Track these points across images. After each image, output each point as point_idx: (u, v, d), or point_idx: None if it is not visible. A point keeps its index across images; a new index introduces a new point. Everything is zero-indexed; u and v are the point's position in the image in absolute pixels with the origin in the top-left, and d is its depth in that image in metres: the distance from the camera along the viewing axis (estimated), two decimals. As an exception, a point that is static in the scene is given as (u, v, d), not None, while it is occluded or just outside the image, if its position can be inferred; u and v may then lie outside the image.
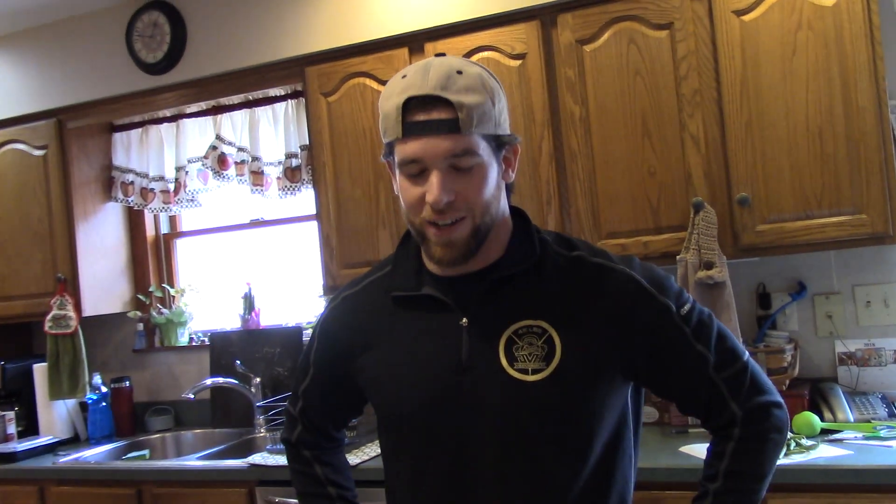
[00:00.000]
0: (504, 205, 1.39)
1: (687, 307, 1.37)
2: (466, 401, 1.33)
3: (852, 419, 2.53)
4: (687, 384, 1.37)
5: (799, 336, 2.83)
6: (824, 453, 2.29)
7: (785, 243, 2.52)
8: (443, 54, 1.35)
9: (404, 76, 1.30)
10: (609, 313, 1.34)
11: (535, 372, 1.31)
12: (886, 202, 2.41)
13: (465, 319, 1.35)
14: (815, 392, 2.71)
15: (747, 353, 1.41)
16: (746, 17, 2.54)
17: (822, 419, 2.54)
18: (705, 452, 2.24)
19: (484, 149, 1.29)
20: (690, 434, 2.65)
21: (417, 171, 1.29)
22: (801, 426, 2.47)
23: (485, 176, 1.30)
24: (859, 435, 2.41)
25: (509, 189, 1.42)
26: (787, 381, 2.64)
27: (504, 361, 1.32)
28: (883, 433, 2.38)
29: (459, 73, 1.28)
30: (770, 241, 2.53)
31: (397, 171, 1.33)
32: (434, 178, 1.27)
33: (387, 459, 1.48)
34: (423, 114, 1.27)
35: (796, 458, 2.27)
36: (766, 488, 1.40)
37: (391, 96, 1.30)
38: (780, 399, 1.41)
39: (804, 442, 2.36)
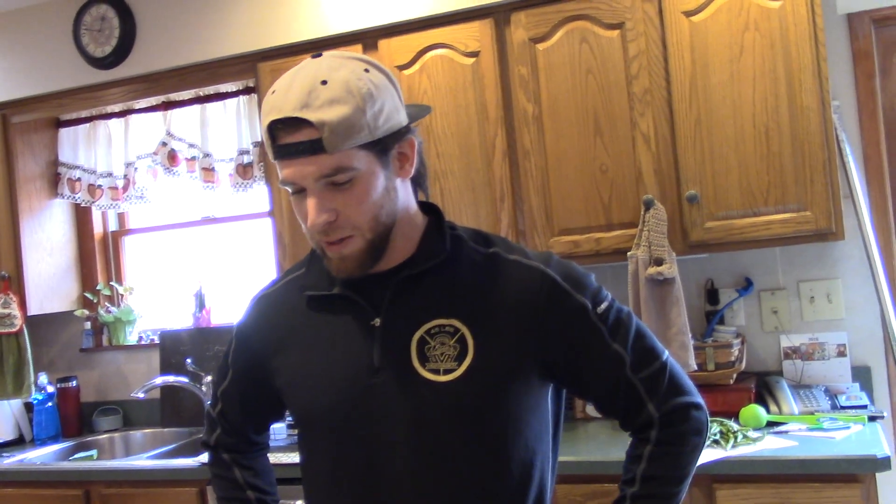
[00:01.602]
0: (405, 203, 1.34)
1: (604, 305, 1.33)
2: (378, 403, 1.30)
3: (797, 411, 2.59)
4: (603, 384, 1.34)
5: (746, 331, 2.89)
6: (770, 445, 2.34)
7: (733, 240, 2.57)
8: (319, 54, 1.26)
9: (273, 91, 1.24)
10: (523, 311, 1.30)
11: (446, 372, 1.28)
12: (829, 199, 2.47)
13: (377, 320, 1.32)
14: (761, 385, 2.77)
15: (667, 353, 1.38)
16: (695, 18, 2.59)
17: (768, 411, 2.59)
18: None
19: (361, 159, 1.23)
20: (641, 428, 2.69)
21: (297, 190, 1.26)
22: (747, 418, 2.52)
23: (366, 187, 1.25)
24: (804, 426, 2.47)
25: (420, 182, 1.39)
26: (735, 375, 2.70)
27: (416, 362, 1.29)
28: (826, 425, 2.44)
29: (324, 83, 1.20)
30: (718, 238, 2.58)
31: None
32: (309, 202, 1.24)
33: (304, 461, 1.44)
34: (287, 136, 1.22)
35: (743, 450, 2.31)
36: (686, 490, 1.37)
37: (263, 116, 1.25)
38: (699, 400, 1.38)
39: (750, 434, 2.41)
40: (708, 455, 2.29)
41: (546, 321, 1.30)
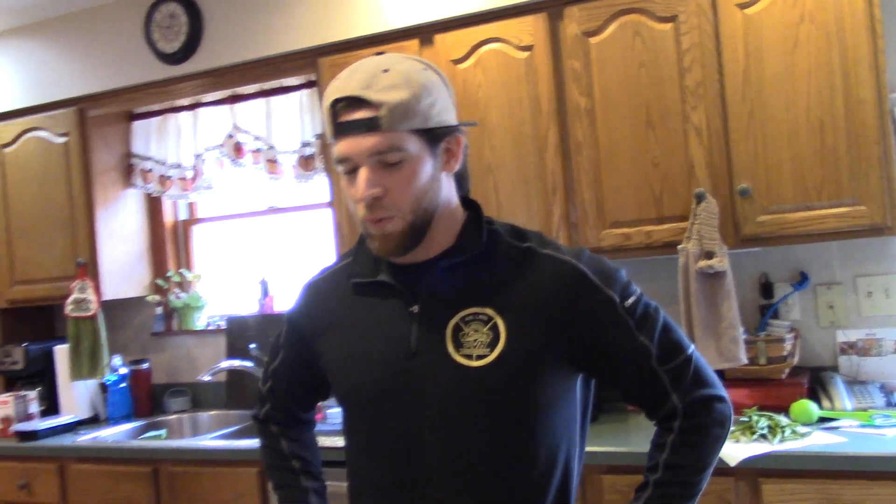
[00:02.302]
0: (447, 196, 1.42)
1: (632, 300, 1.38)
2: (414, 385, 1.37)
3: (850, 408, 2.57)
4: (630, 375, 1.39)
5: (801, 325, 2.87)
6: (819, 440, 2.33)
7: (785, 234, 2.56)
8: (381, 53, 1.38)
9: (337, 78, 1.36)
10: (554, 303, 1.37)
11: (479, 357, 1.34)
12: (885, 194, 2.44)
13: (416, 307, 1.40)
14: (815, 381, 2.75)
15: (692, 347, 1.42)
16: (749, 11, 2.57)
17: (821, 407, 2.58)
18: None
19: (413, 144, 1.32)
20: (691, 420, 2.70)
21: (350, 169, 1.34)
22: (798, 414, 2.51)
23: (414, 171, 1.33)
24: (855, 423, 2.45)
25: (461, 179, 1.46)
26: (787, 370, 2.68)
27: (450, 347, 1.36)
28: (878, 422, 2.42)
29: (385, 71, 1.32)
30: (770, 232, 2.57)
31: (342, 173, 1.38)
32: (360, 175, 1.33)
33: (346, 440, 1.52)
34: (348, 114, 1.32)
35: (791, 445, 2.31)
36: (707, 480, 1.41)
37: (326, 98, 1.36)
38: (723, 393, 1.42)
39: (799, 429, 2.40)
40: (754, 449, 2.30)
41: (575, 313, 1.37)
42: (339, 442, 2.73)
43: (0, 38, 3.87)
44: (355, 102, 1.31)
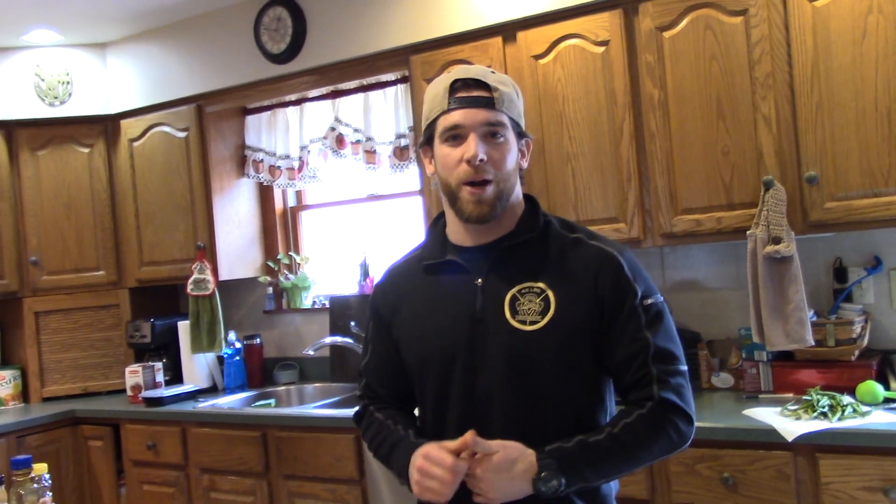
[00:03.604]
0: (518, 186, 1.69)
1: (650, 300, 1.61)
2: (478, 345, 1.63)
3: (917, 389, 2.63)
4: (626, 357, 1.59)
5: (874, 309, 2.92)
6: (878, 419, 2.42)
7: (852, 220, 2.63)
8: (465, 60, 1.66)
9: (449, 71, 1.68)
10: (594, 283, 1.61)
11: (532, 323, 1.59)
12: (952, 181, 2.49)
13: (479, 280, 1.65)
14: (884, 363, 2.81)
15: (686, 367, 1.62)
16: (818, 3, 2.64)
17: (888, 389, 2.64)
18: (766, 417, 2.44)
19: (510, 129, 1.63)
20: (760, 399, 2.82)
21: (457, 135, 1.60)
22: (863, 394, 2.59)
23: (510, 149, 1.63)
24: (920, 404, 2.52)
25: (522, 178, 1.72)
26: (857, 352, 2.76)
27: (508, 314, 1.61)
28: (942, 403, 2.48)
29: (493, 72, 1.66)
30: (838, 218, 2.65)
31: (437, 142, 1.65)
32: (472, 140, 1.59)
33: (420, 405, 1.75)
34: (465, 92, 1.61)
35: (850, 423, 2.41)
36: (639, 467, 1.60)
37: (438, 83, 1.66)
38: (693, 416, 1.59)
39: (862, 408, 2.49)
40: (813, 426, 2.41)
41: (606, 292, 1.60)
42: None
43: (125, 43, 4.27)
44: (474, 84, 1.61)
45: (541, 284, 1.62)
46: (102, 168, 4.36)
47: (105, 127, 4.36)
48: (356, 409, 1.89)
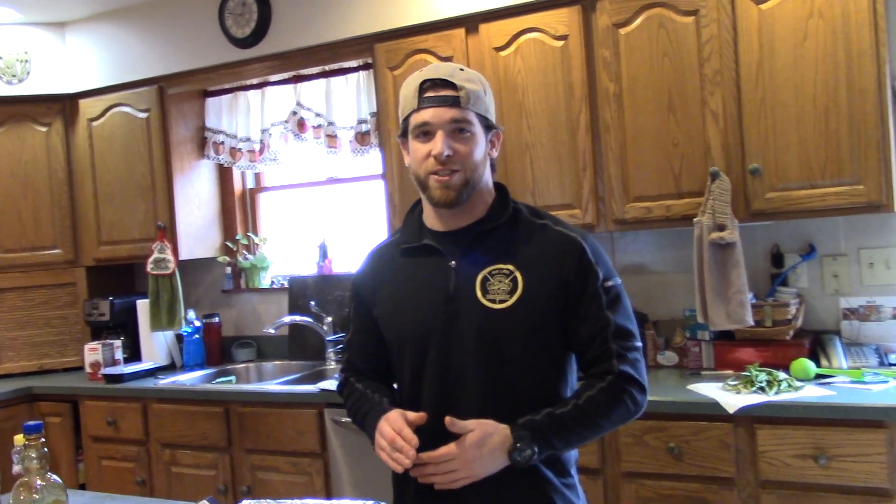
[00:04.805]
0: (488, 175, 1.82)
1: (611, 283, 1.76)
2: (452, 322, 1.75)
3: (845, 366, 2.85)
4: (588, 334, 1.74)
5: (807, 293, 3.14)
6: (810, 393, 2.63)
7: (790, 209, 2.83)
8: (449, 58, 1.75)
9: (421, 70, 1.78)
10: (559, 265, 1.75)
11: (501, 301, 1.73)
12: (881, 174, 2.70)
13: (453, 262, 1.78)
14: (816, 342, 3.03)
15: (641, 344, 1.79)
16: (764, 6, 2.83)
17: (819, 366, 2.86)
18: (709, 391, 2.63)
19: (477, 124, 1.75)
20: (703, 376, 3.02)
21: (426, 132, 1.73)
22: (797, 370, 2.80)
23: (476, 143, 1.75)
24: (847, 380, 2.73)
25: (493, 167, 1.86)
26: (791, 332, 2.97)
27: (479, 294, 1.75)
28: (867, 378, 2.70)
29: (462, 69, 1.77)
30: (777, 208, 2.85)
31: (410, 137, 1.78)
32: (439, 137, 1.72)
33: (398, 379, 1.88)
34: (433, 91, 1.73)
35: (785, 396, 2.61)
36: (599, 434, 1.77)
37: (410, 83, 1.77)
38: (646, 387, 1.76)
39: (795, 383, 2.70)
40: (752, 399, 2.61)
41: (569, 274, 1.75)
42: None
43: (86, 23, 4.29)
44: (441, 84, 1.73)
45: (510, 266, 1.75)
46: (60, 147, 4.37)
47: (63, 106, 4.37)
48: (337, 381, 2.03)
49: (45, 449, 1.62)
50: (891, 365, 2.86)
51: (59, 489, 1.60)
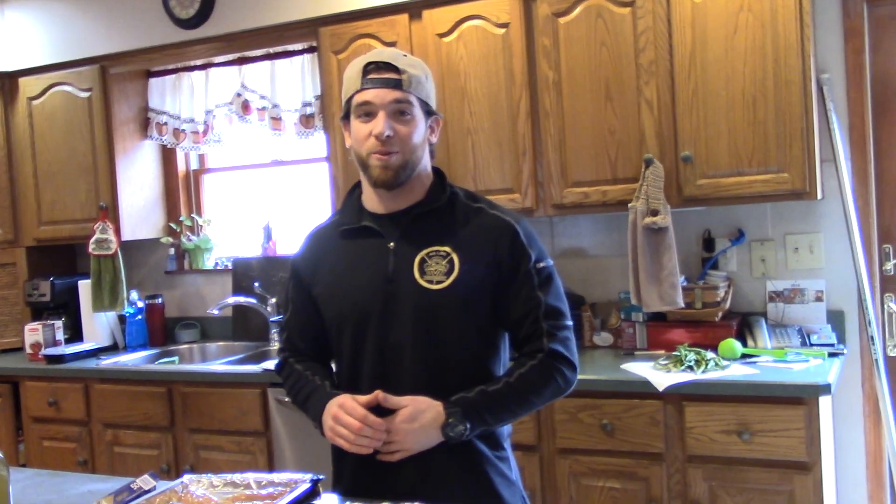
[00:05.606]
0: (427, 160, 1.89)
1: (542, 264, 1.84)
2: (391, 303, 1.81)
3: (770, 346, 2.98)
4: (521, 315, 1.82)
5: (736, 276, 3.27)
6: (736, 372, 2.75)
7: (720, 195, 2.95)
8: (393, 43, 1.80)
9: (367, 54, 1.84)
10: (493, 248, 1.82)
11: (438, 283, 1.79)
12: (805, 163, 2.82)
13: (392, 244, 1.84)
14: (743, 324, 3.17)
15: (571, 323, 1.87)
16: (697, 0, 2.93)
17: (745, 346, 2.99)
18: (641, 370, 2.75)
19: (417, 107, 1.81)
20: (636, 356, 3.13)
21: (367, 112, 1.79)
22: (724, 350, 2.93)
23: (416, 125, 1.81)
24: (771, 359, 2.87)
25: (432, 153, 1.92)
26: (720, 314, 3.10)
27: (417, 275, 1.81)
28: (789, 357, 2.84)
29: (405, 56, 1.84)
30: (708, 194, 2.96)
31: (352, 117, 1.82)
32: (380, 117, 1.77)
33: (336, 359, 1.93)
34: (377, 74, 1.79)
35: (711, 375, 2.73)
36: (531, 411, 1.87)
37: (355, 65, 1.82)
38: (576, 364, 1.85)
39: (722, 362, 2.82)
40: (681, 377, 2.73)
41: (503, 256, 1.82)
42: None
43: (28, -1, 4.23)
44: (385, 67, 1.78)
45: (446, 248, 1.81)
46: (-1, 125, 4.32)
47: (3, 84, 4.30)
48: (276, 361, 2.07)
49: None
50: (812, 345, 3.00)
51: (1, 465, 1.62)
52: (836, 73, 3.10)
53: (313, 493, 1.71)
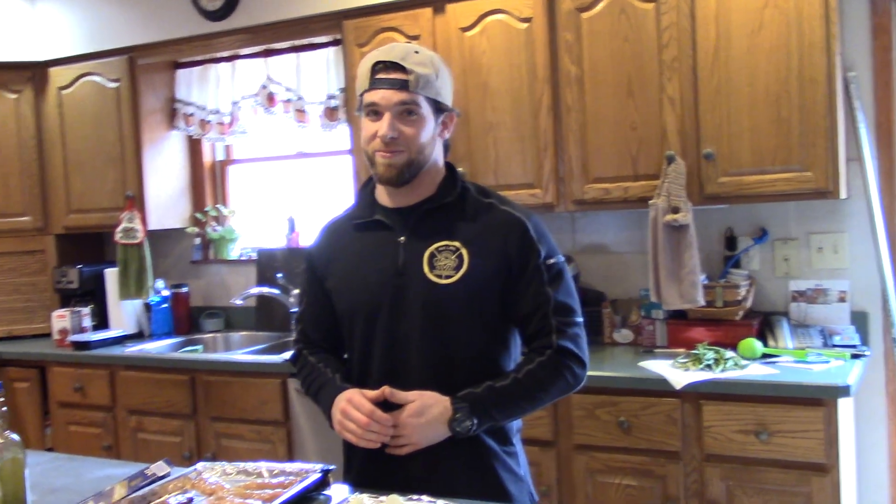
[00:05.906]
0: (437, 155, 1.88)
1: (552, 260, 1.84)
2: (399, 296, 1.83)
3: (791, 346, 2.96)
4: (529, 309, 1.82)
5: (758, 275, 3.24)
6: (755, 371, 2.73)
7: (742, 194, 2.93)
8: (416, 37, 1.81)
9: (377, 50, 1.83)
10: (503, 243, 1.82)
11: (447, 277, 1.80)
12: (828, 163, 2.79)
13: (402, 238, 1.85)
14: (765, 323, 3.14)
15: (582, 319, 1.86)
16: (722, -5, 2.91)
17: (766, 345, 2.97)
18: (659, 368, 2.74)
19: (425, 107, 1.80)
20: (655, 353, 3.12)
21: (374, 112, 1.79)
22: (744, 349, 2.91)
23: (423, 125, 1.80)
24: (791, 359, 2.85)
25: (446, 148, 1.93)
26: (741, 312, 3.07)
27: (426, 269, 1.81)
28: (810, 358, 2.81)
29: (417, 52, 1.80)
30: (729, 192, 2.94)
31: (362, 115, 1.83)
32: (386, 119, 1.77)
33: (348, 349, 1.94)
34: (384, 74, 1.78)
35: (730, 374, 2.72)
36: (539, 407, 1.84)
37: (365, 62, 1.82)
38: (586, 361, 1.85)
39: (741, 362, 2.81)
40: (698, 376, 2.71)
41: (513, 251, 1.83)
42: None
43: (59, -10, 4.29)
44: (393, 66, 1.77)
45: (456, 243, 1.82)
46: (30, 115, 4.37)
47: (33, 74, 4.37)
48: (291, 352, 2.09)
49: (5, 408, 1.66)
50: (834, 346, 2.97)
51: (17, 447, 1.65)
52: (862, 70, 3.05)
53: (323, 483, 1.74)
